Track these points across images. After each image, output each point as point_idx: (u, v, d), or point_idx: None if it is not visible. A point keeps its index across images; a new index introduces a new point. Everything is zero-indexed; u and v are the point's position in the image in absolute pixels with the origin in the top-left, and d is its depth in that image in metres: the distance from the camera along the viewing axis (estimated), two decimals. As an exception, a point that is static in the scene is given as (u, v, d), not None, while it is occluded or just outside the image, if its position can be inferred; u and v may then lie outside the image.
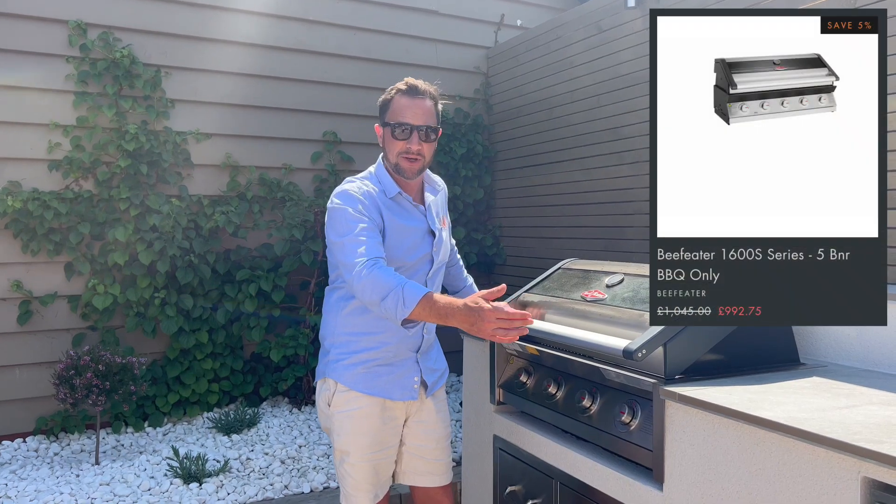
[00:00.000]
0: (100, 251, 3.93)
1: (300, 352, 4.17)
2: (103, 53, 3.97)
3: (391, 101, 2.13)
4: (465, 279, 2.60)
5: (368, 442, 2.06)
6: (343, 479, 2.11)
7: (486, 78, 5.22)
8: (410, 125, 2.08)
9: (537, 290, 2.68)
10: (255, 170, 4.41)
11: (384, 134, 2.14)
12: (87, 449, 3.63)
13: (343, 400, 2.06)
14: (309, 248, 4.25)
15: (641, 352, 1.87)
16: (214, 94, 4.33)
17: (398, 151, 2.09)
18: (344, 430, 2.05)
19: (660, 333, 1.90)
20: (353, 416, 2.05)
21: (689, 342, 1.93)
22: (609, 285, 2.39)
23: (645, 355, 1.87)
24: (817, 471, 1.45)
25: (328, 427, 2.14)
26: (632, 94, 3.74)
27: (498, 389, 2.68)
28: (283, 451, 3.51)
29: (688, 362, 1.94)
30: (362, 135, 4.77)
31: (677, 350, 1.91)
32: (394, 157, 2.11)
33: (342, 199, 2.03)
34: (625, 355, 1.88)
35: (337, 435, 2.07)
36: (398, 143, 2.09)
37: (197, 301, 4.11)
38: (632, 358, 1.87)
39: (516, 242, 4.87)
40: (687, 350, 1.93)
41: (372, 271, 1.86)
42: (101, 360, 3.35)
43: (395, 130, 2.08)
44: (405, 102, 2.11)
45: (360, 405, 2.05)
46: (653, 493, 1.89)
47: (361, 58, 4.78)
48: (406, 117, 2.09)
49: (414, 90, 2.13)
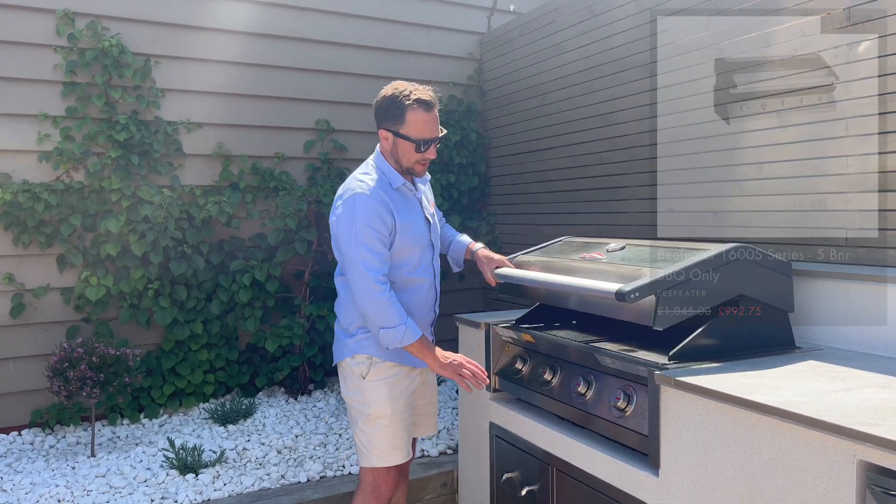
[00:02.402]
0: (92, 243, 3.90)
1: (295, 341, 4.16)
2: (92, 43, 3.92)
3: (405, 113, 2.21)
4: (452, 233, 2.68)
5: (403, 405, 2.34)
6: (376, 444, 2.31)
7: (479, 64, 5.18)
8: (430, 139, 2.24)
9: (536, 253, 2.66)
10: (247, 159, 4.37)
11: (399, 144, 2.25)
12: (82, 441, 3.62)
13: (378, 370, 2.30)
14: (303, 238, 4.22)
15: (634, 294, 1.85)
16: (205, 83, 4.29)
17: (415, 160, 2.27)
18: (381, 396, 2.30)
19: (656, 282, 1.88)
20: (389, 383, 2.31)
21: (684, 297, 1.92)
22: (610, 250, 2.38)
23: (637, 297, 1.85)
24: (813, 454, 1.45)
25: (358, 398, 2.33)
26: (625, 79, 3.71)
27: (494, 377, 2.68)
28: (279, 440, 3.51)
29: (679, 318, 1.92)
30: (355, 122, 4.73)
31: (670, 302, 1.89)
32: (408, 163, 2.27)
33: (356, 204, 2.17)
34: (617, 297, 1.86)
35: (373, 402, 2.30)
36: (416, 155, 2.25)
37: (191, 292, 4.09)
38: (624, 300, 1.85)
39: (511, 230, 4.85)
40: (680, 304, 1.91)
41: (384, 296, 2.14)
42: (94, 352, 3.33)
43: (419, 147, 2.23)
44: (424, 118, 2.22)
45: (395, 372, 2.32)
46: (648, 478, 1.89)
47: (354, 45, 4.74)
48: (427, 133, 2.23)
49: (429, 104, 2.24)
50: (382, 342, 2.20)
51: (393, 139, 2.25)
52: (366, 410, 2.32)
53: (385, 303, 2.15)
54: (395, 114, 2.21)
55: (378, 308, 2.16)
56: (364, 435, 2.34)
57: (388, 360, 2.31)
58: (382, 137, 2.28)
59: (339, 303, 2.43)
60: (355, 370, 2.33)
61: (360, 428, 2.35)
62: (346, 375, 2.38)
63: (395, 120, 2.22)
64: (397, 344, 2.18)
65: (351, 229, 2.16)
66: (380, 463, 2.33)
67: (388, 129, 2.25)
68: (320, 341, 4.32)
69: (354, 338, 2.33)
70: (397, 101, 2.20)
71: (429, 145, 2.25)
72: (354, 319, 2.34)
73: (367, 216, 2.16)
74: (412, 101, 2.19)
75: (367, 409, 2.32)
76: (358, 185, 2.22)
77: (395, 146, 2.26)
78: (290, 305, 4.38)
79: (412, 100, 2.19)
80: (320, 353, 4.33)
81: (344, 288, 2.39)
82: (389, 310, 2.16)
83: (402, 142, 2.23)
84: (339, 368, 2.44)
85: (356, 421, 2.37)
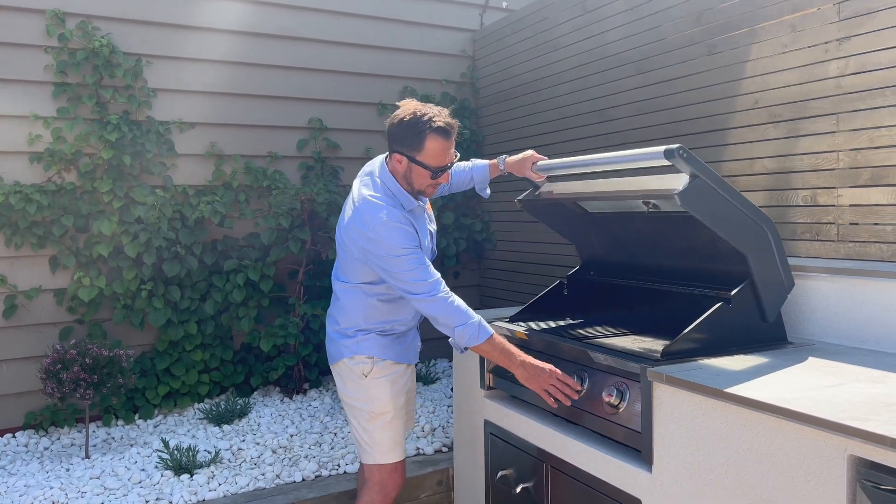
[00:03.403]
0: (84, 244, 3.89)
1: (290, 341, 4.15)
2: (82, 43, 3.91)
3: (424, 141, 2.14)
4: (467, 167, 2.74)
5: (403, 401, 2.41)
6: (378, 441, 2.35)
7: (472, 61, 5.17)
8: (447, 167, 2.23)
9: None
10: (240, 158, 4.36)
11: (413, 169, 2.19)
12: (77, 443, 3.61)
13: (381, 368, 2.34)
14: (296, 237, 4.21)
15: (681, 151, 1.89)
16: (197, 82, 4.27)
17: (428, 184, 2.24)
18: (384, 393, 2.35)
19: (696, 161, 1.93)
20: (391, 380, 2.36)
21: (707, 190, 1.94)
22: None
23: (683, 154, 1.88)
24: (804, 450, 1.45)
25: (360, 397, 2.35)
26: (619, 75, 3.71)
27: (488, 374, 2.68)
28: (274, 440, 3.51)
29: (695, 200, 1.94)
30: (348, 121, 4.73)
31: (697, 187, 1.92)
32: (420, 187, 2.24)
33: (395, 235, 2.12)
34: (666, 154, 1.90)
35: (376, 399, 2.34)
36: (430, 180, 2.22)
37: (185, 292, 4.08)
38: (673, 156, 1.88)
39: (506, 227, 4.85)
40: (702, 193, 1.93)
41: (450, 298, 2.16)
42: (87, 354, 3.32)
43: (435, 174, 2.20)
44: (443, 145, 2.17)
45: (395, 370, 2.37)
46: (642, 474, 1.90)
47: (346, 43, 4.73)
48: (444, 161, 2.20)
49: (448, 132, 2.17)
50: (459, 342, 2.18)
51: (408, 164, 2.18)
52: (368, 408, 2.35)
53: (454, 304, 2.16)
54: (413, 141, 2.14)
55: (449, 310, 2.15)
56: (366, 433, 2.36)
57: (388, 359, 2.35)
58: (396, 160, 2.20)
59: (340, 307, 2.39)
60: (355, 370, 2.35)
61: (361, 426, 2.37)
62: (345, 375, 2.38)
63: (412, 146, 2.15)
64: (475, 341, 2.16)
65: (395, 255, 2.12)
66: (383, 460, 2.36)
67: (403, 153, 2.17)
68: (315, 340, 4.32)
69: (353, 339, 2.35)
70: (416, 127, 2.13)
71: (444, 171, 2.22)
72: (355, 324, 2.35)
73: (406, 240, 2.14)
74: (433, 129, 2.13)
75: (371, 406, 2.35)
76: (384, 214, 2.14)
77: (408, 170, 2.20)
78: (284, 305, 4.37)
79: (433, 128, 2.12)
80: (315, 353, 4.33)
81: (346, 293, 2.37)
82: (458, 309, 2.16)
83: (418, 168, 2.18)
84: (335, 369, 2.43)
85: (357, 419, 2.38)
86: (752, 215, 2.03)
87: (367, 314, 2.35)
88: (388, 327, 2.38)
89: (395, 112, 2.20)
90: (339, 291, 2.40)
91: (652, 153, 1.97)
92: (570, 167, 2.44)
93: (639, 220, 2.48)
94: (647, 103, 3.52)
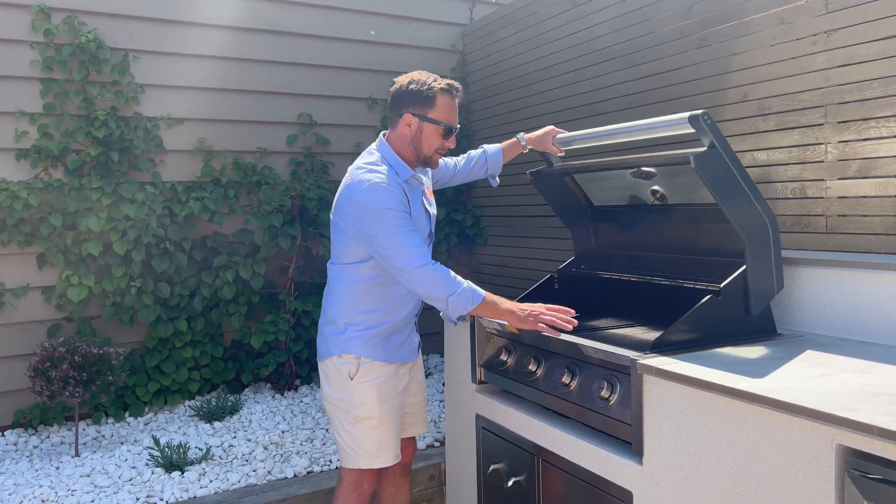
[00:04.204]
0: (73, 241, 3.86)
1: (281, 337, 4.14)
2: (68, 38, 3.87)
3: (435, 97, 2.20)
4: (476, 155, 2.74)
5: (391, 405, 2.31)
6: (363, 446, 2.27)
7: (462, 56, 5.16)
8: (456, 128, 2.26)
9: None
10: (229, 154, 4.34)
11: (424, 129, 2.22)
12: (67, 441, 3.59)
13: (366, 370, 2.26)
14: (286, 233, 4.20)
15: (706, 117, 1.94)
16: (185, 77, 4.24)
17: (437, 147, 2.25)
18: (369, 397, 2.26)
19: (715, 129, 1.99)
20: (378, 384, 2.27)
21: (718, 160, 1.98)
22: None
23: (707, 120, 1.93)
24: (793, 440, 1.45)
25: (343, 398, 2.27)
26: (609, 69, 3.71)
27: (479, 369, 2.68)
28: (265, 436, 3.50)
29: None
30: (338, 116, 4.71)
31: (710, 154, 1.97)
32: (428, 151, 2.25)
33: (382, 194, 2.11)
34: (690, 120, 1.95)
35: (361, 404, 2.26)
36: (440, 142, 2.25)
37: (174, 289, 4.06)
38: (697, 121, 1.94)
39: (497, 221, 4.84)
40: (713, 164, 1.97)
41: (437, 269, 2.11)
42: (76, 351, 3.29)
43: (447, 133, 2.24)
44: (452, 104, 2.24)
45: (383, 373, 2.28)
46: (633, 466, 1.90)
47: (335, 38, 4.70)
48: (454, 120, 2.25)
49: (455, 91, 2.24)
50: (453, 312, 2.14)
51: (418, 124, 2.21)
52: (353, 412, 2.27)
53: (441, 274, 2.11)
54: (425, 97, 2.20)
55: (437, 280, 2.11)
56: (349, 436, 2.28)
57: (377, 360, 2.27)
58: (405, 123, 2.22)
59: (330, 293, 2.34)
60: (342, 370, 2.27)
61: (344, 429, 2.29)
62: (330, 374, 2.31)
63: (424, 103, 2.20)
64: (469, 307, 2.13)
65: (381, 218, 2.10)
66: (367, 465, 2.29)
67: (414, 113, 2.21)
68: (306, 336, 4.31)
69: (343, 335, 2.27)
70: (426, 86, 2.20)
71: (453, 133, 2.27)
72: (344, 312, 2.28)
73: (394, 201, 2.12)
74: (443, 86, 2.21)
75: (355, 410, 2.26)
76: (375, 176, 2.15)
77: (419, 132, 2.22)
78: (274, 301, 4.35)
79: (442, 86, 2.21)
80: (306, 349, 4.32)
81: (334, 275, 2.32)
82: (448, 277, 2.12)
83: (429, 127, 2.21)
84: (321, 366, 2.36)
85: (340, 421, 2.30)
86: (758, 205, 2.04)
87: (354, 302, 2.27)
88: (377, 320, 2.28)
89: (398, 80, 2.26)
90: (330, 275, 2.36)
91: (676, 120, 2.01)
92: (591, 138, 2.44)
93: (642, 213, 2.49)
94: (637, 97, 3.52)
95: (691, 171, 2.10)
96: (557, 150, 2.61)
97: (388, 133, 2.30)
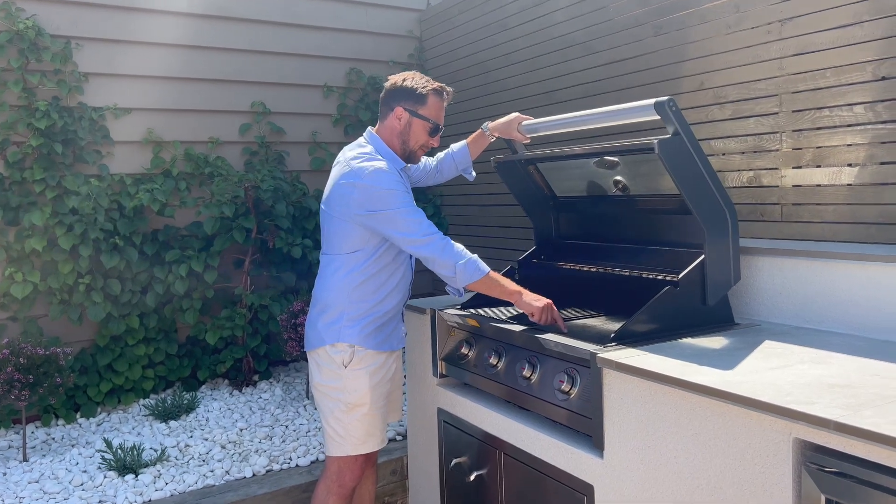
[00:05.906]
0: (15, 237, 3.70)
1: (237, 332, 4.04)
2: (5, 25, 3.68)
3: (427, 96, 2.36)
4: (444, 156, 2.78)
5: (381, 392, 2.39)
6: (352, 432, 2.34)
7: (419, 42, 5.08)
8: (441, 128, 2.42)
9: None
10: (179, 145, 4.20)
11: (413, 123, 2.36)
12: (14, 445, 3.45)
13: (361, 359, 2.32)
14: (241, 226, 4.09)
15: (671, 104, 1.94)
16: (132, 66, 4.09)
17: (422, 143, 2.39)
18: (362, 384, 2.33)
19: (680, 117, 1.98)
20: (370, 371, 2.34)
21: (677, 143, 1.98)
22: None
23: (672, 106, 1.94)
24: (751, 433, 1.45)
25: (336, 387, 2.32)
26: (566, 57, 3.69)
27: (440, 362, 2.65)
28: (223, 435, 3.41)
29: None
30: (292, 104, 4.60)
31: (672, 142, 1.96)
32: (414, 145, 2.38)
33: (388, 177, 2.22)
34: (656, 107, 1.94)
35: (354, 391, 2.32)
36: (425, 138, 2.38)
37: (125, 285, 3.93)
38: (663, 107, 1.94)
39: (457, 210, 4.81)
40: (675, 149, 1.95)
41: (445, 238, 2.23)
42: (21, 353, 3.16)
43: (433, 130, 2.39)
44: (440, 105, 2.40)
45: (375, 361, 2.36)
46: (593, 460, 1.89)
47: (289, 24, 4.58)
48: (441, 120, 2.41)
49: (446, 93, 2.42)
50: (461, 280, 2.22)
51: (408, 118, 2.34)
52: (345, 399, 2.32)
53: (448, 242, 2.22)
54: (418, 95, 2.34)
55: (444, 250, 2.21)
56: (339, 424, 2.34)
57: (370, 349, 2.33)
58: (395, 116, 2.35)
59: (324, 282, 2.37)
60: (335, 358, 2.31)
61: (335, 416, 2.34)
62: (322, 363, 2.35)
63: (416, 100, 2.34)
64: (476, 276, 2.22)
65: (389, 196, 2.20)
66: (355, 451, 2.35)
67: (406, 108, 2.34)
68: (264, 331, 4.22)
69: (336, 325, 2.32)
70: (421, 83, 2.36)
71: (438, 132, 2.41)
72: (340, 301, 2.32)
73: (398, 183, 2.25)
74: (435, 87, 2.37)
75: (347, 397, 2.32)
76: (377, 162, 2.25)
77: (408, 126, 2.35)
78: (230, 296, 4.25)
79: (434, 87, 2.37)
80: (264, 344, 4.23)
81: (329, 266, 2.35)
82: (454, 246, 2.23)
83: (418, 122, 2.35)
84: (311, 356, 2.40)
85: (331, 409, 2.35)
86: (719, 195, 2.04)
87: (350, 291, 2.31)
88: (372, 311, 2.34)
89: (392, 78, 2.40)
90: (323, 266, 2.40)
91: (641, 107, 1.99)
92: (557, 125, 2.43)
93: (603, 203, 2.48)
94: (595, 84, 3.51)
95: (653, 161, 2.08)
96: (523, 137, 2.59)
97: (378, 127, 2.41)
